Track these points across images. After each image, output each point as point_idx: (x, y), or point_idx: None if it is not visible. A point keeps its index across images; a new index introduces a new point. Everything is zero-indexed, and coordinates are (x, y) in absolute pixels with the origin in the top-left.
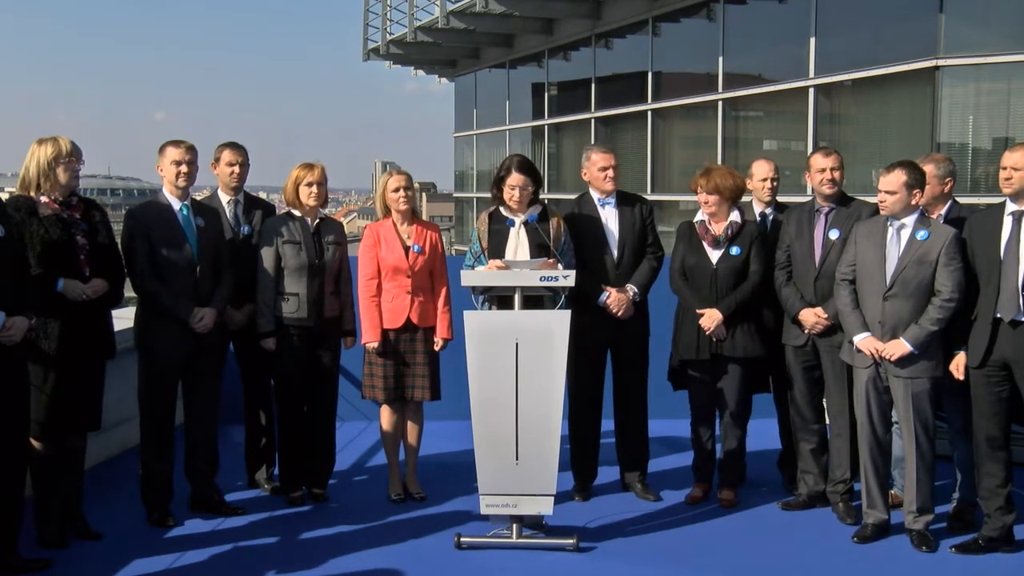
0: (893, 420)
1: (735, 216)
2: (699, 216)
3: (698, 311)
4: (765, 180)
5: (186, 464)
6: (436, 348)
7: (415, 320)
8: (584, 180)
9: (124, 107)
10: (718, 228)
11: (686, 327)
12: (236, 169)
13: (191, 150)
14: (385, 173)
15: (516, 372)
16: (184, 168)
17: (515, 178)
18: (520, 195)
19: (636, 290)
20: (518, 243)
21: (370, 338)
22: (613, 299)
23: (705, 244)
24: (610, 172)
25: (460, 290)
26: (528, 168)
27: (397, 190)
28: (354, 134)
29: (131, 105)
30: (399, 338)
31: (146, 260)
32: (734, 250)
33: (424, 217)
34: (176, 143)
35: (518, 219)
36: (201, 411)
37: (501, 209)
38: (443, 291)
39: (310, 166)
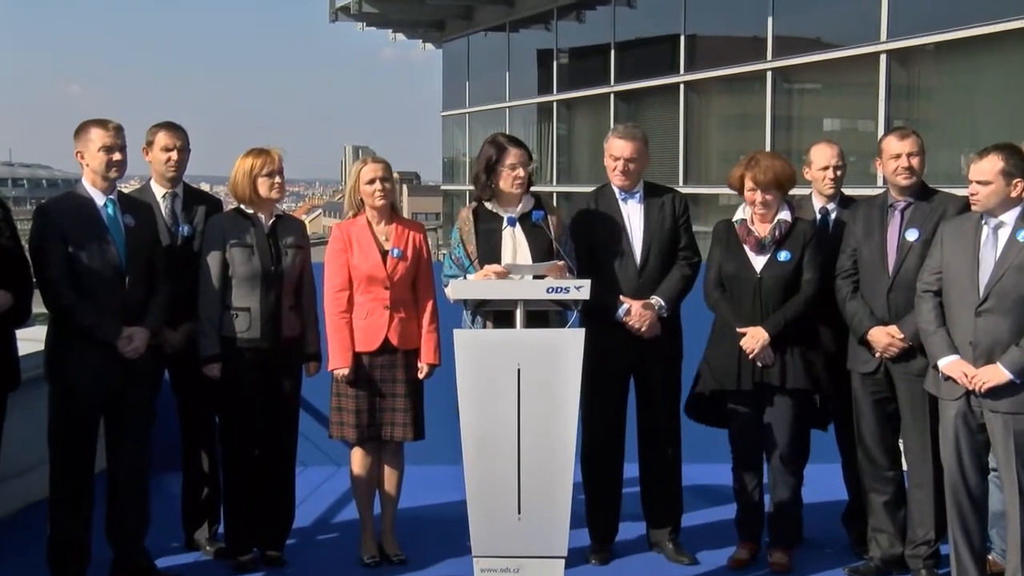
0: (990, 466)
1: (784, 214)
2: (739, 214)
3: (739, 330)
4: (827, 168)
5: (107, 521)
6: (420, 376)
7: (394, 341)
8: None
9: (30, 78)
10: (763, 229)
11: (724, 350)
12: (174, 155)
13: (120, 131)
14: (358, 161)
15: (518, 405)
16: (117, 156)
17: (514, 154)
18: (525, 174)
19: (662, 303)
20: (516, 246)
21: (339, 363)
22: (634, 313)
23: (747, 248)
24: (619, 166)
25: (450, 305)
26: (519, 142)
27: (372, 181)
28: (318, 113)
29: (38, 76)
30: (375, 364)
31: (61, 267)
32: (782, 255)
33: (405, 214)
34: (102, 123)
35: (512, 214)
36: (128, 455)
37: (487, 204)
38: (429, 306)
39: (265, 152)
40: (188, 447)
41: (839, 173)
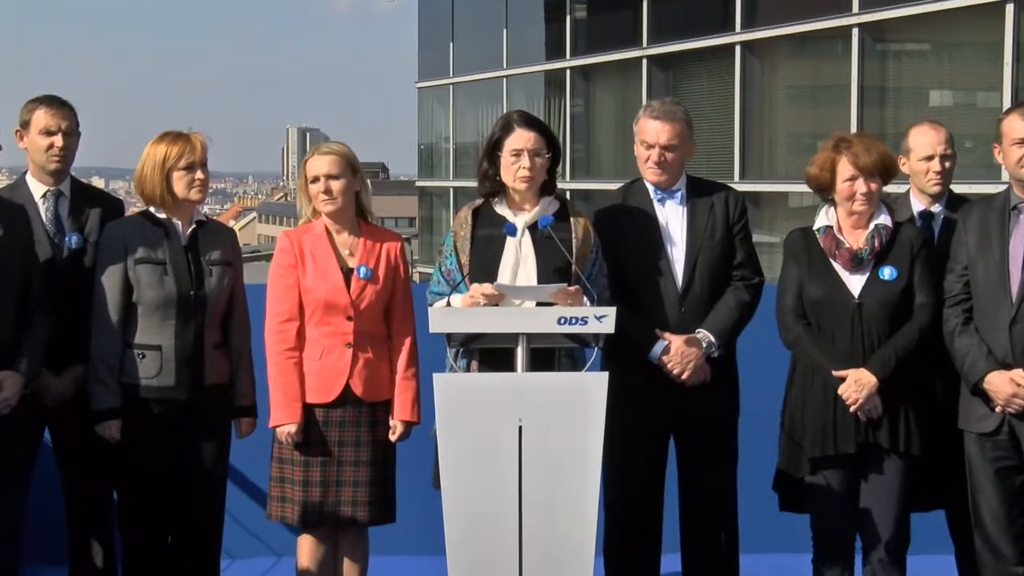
0: None
1: (882, 218)
2: (821, 220)
3: (835, 373)
4: (931, 158)
5: None
6: (392, 437)
7: (358, 391)
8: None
9: None
10: (856, 238)
11: (812, 403)
12: (58, 141)
13: None
14: (311, 149)
15: (519, 475)
16: None
17: (522, 137)
18: (531, 165)
19: (712, 338)
20: (519, 260)
21: (283, 419)
22: (674, 352)
23: (837, 265)
24: (654, 155)
25: (435, 341)
26: (537, 123)
27: (316, 180)
28: (252, 85)
29: None
30: (331, 420)
31: None
32: (886, 272)
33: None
34: None
35: (520, 221)
36: None
37: (494, 204)
38: (406, 344)
39: (183, 137)
40: (75, 533)
41: (947, 165)
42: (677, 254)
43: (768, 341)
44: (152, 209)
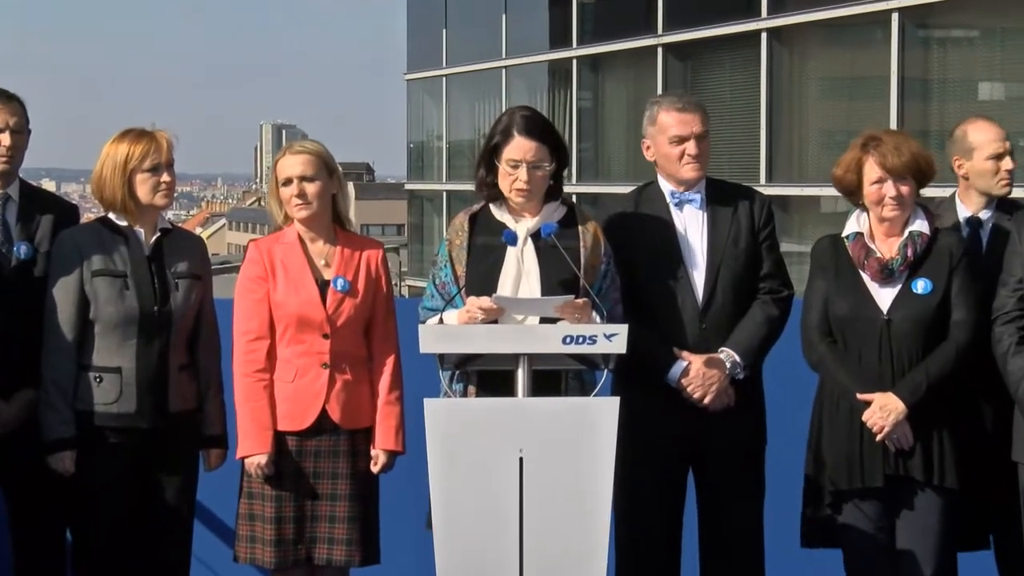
0: None
1: (918, 223)
2: (851, 226)
3: (859, 397)
4: (1001, 156)
5: None
6: (374, 469)
7: (336, 417)
8: (648, 160)
9: None
10: (889, 246)
11: (837, 430)
12: (4, 139)
13: None
14: (282, 149)
15: (520, 512)
16: None
17: (519, 145)
18: (530, 178)
19: (736, 358)
20: (521, 272)
21: (252, 448)
22: (694, 374)
23: (866, 277)
24: (690, 147)
25: (421, 361)
26: (541, 128)
27: (288, 182)
28: (224, 77)
29: None
30: (306, 449)
31: None
32: (920, 285)
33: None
34: None
35: (522, 228)
36: None
37: (493, 209)
38: (389, 364)
39: (147, 135)
40: None
41: (1015, 164)
42: (697, 265)
43: (797, 361)
44: (112, 215)
